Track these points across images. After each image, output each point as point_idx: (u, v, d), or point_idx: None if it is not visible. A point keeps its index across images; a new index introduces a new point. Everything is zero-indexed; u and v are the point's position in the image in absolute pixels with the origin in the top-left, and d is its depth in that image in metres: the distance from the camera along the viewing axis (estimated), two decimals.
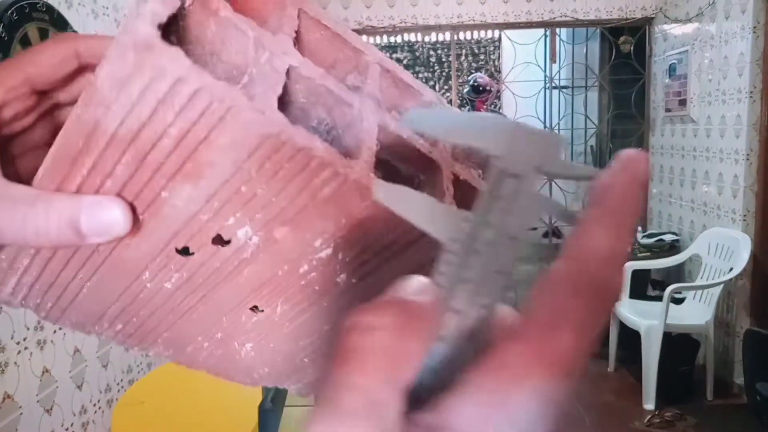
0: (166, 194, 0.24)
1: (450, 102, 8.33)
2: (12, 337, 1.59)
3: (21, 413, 1.60)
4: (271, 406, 1.26)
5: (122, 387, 2.14)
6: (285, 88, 0.24)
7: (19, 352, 1.62)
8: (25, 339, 1.64)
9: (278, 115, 0.22)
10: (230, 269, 0.27)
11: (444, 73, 9.18)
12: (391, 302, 0.19)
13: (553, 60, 4.53)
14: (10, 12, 1.56)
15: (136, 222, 0.25)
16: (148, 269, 0.28)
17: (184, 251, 0.27)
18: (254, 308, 0.30)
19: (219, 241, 0.26)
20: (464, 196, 0.29)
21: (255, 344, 0.32)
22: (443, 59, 9.11)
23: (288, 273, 0.27)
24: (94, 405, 1.97)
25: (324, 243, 0.26)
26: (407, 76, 0.32)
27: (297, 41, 0.28)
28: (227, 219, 0.25)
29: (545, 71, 4.30)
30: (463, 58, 8.62)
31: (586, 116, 4.72)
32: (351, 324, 0.18)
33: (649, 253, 3.49)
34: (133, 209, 0.25)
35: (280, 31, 0.26)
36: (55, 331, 1.78)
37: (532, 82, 4.23)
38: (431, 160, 0.29)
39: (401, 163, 0.30)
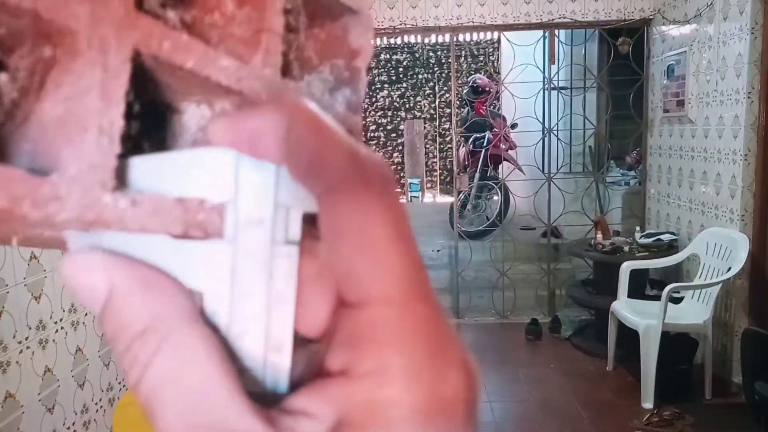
0: None
1: (449, 103, 8.31)
2: (14, 337, 1.60)
3: (23, 412, 1.61)
4: None
5: (124, 386, 2.15)
6: None
7: (21, 351, 1.62)
8: (27, 338, 1.65)
9: None
10: None
11: (443, 75, 9.19)
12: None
13: (552, 61, 4.54)
14: None
15: None
16: None
17: None
18: None
19: None
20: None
21: None
22: (443, 60, 9.13)
23: None
24: (96, 404, 1.98)
25: None
26: None
27: None
28: None
29: (544, 72, 4.32)
30: (462, 59, 8.64)
31: (585, 117, 4.73)
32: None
33: (647, 253, 3.50)
34: None
35: None
36: (57, 331, 1.79)
37: (531, 83, 4.25)
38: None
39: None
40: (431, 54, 9.27)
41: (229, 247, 0.17)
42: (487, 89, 5.63)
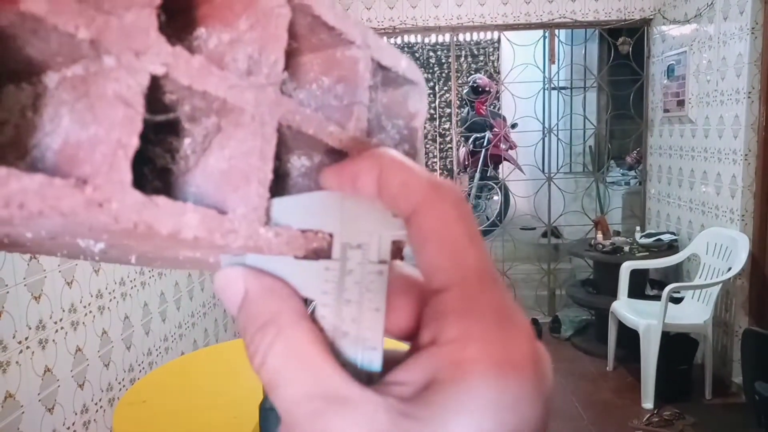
0: None
1: (449, 103, 8.33)
2: (14, 337, 1.60)
3: (23, 412, 1.61)
4: (273, 404, 1.26)
5: (124, 386, 2.15)
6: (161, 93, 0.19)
7: (20, 351, 1.62)
8: (26, 338, 1.65)
9: (122, 201, 0.16)
10: None
11: (444, 74, 9.19)
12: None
13: (552, 61, 4.54)
14: None
15: None
16: None
17: None
18: None
19: None
20: None
21: None
22: (443, 60, 9.13)
23: None
24: (96, 404, 1.98)
25: None
26: (328, 11, 0.22)
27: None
28: None
29: (544, 72, 4.32)
30: (462, 59, 8.63)
31: (585, 117, 4.74)
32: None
33: (647, 253, 3.50)
34: None
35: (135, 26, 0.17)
36: (56, 331, 1.79)
37: (531, 83, 4.24)
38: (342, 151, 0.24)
39: (310, 153, 0.25)
40: (431, 54, 9.27)
41: (336, 265, 0.22)
42: (487, 89, 5.63)
